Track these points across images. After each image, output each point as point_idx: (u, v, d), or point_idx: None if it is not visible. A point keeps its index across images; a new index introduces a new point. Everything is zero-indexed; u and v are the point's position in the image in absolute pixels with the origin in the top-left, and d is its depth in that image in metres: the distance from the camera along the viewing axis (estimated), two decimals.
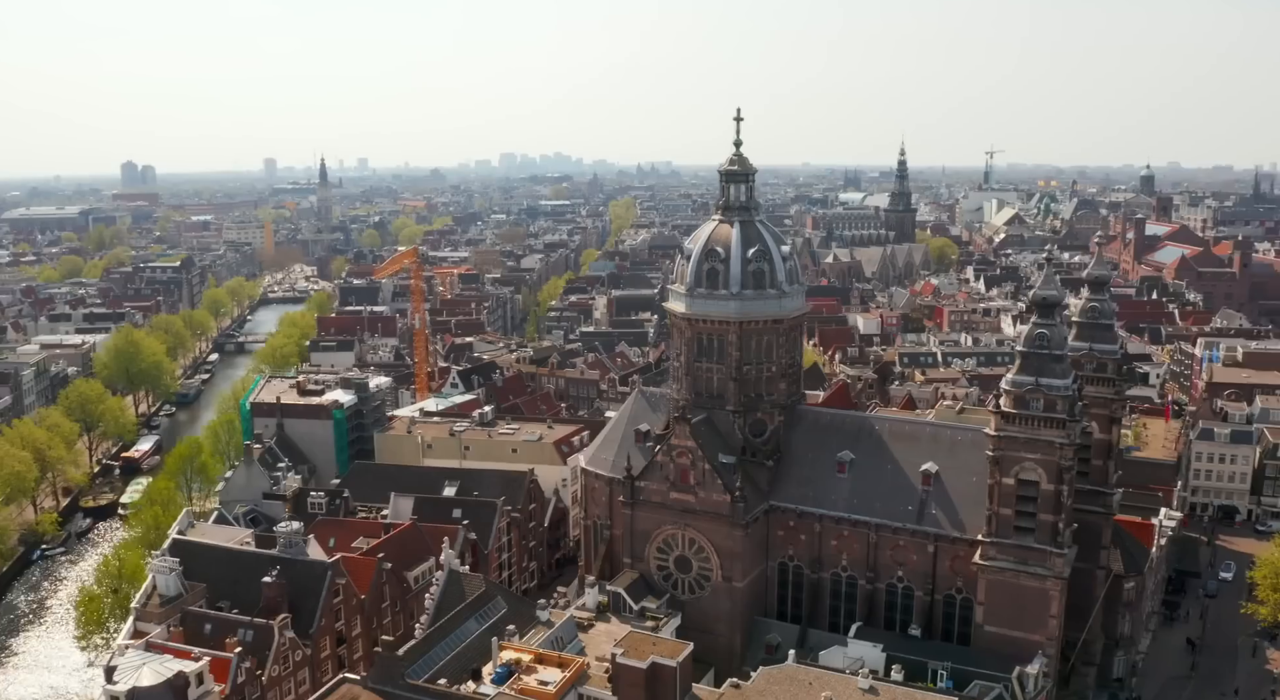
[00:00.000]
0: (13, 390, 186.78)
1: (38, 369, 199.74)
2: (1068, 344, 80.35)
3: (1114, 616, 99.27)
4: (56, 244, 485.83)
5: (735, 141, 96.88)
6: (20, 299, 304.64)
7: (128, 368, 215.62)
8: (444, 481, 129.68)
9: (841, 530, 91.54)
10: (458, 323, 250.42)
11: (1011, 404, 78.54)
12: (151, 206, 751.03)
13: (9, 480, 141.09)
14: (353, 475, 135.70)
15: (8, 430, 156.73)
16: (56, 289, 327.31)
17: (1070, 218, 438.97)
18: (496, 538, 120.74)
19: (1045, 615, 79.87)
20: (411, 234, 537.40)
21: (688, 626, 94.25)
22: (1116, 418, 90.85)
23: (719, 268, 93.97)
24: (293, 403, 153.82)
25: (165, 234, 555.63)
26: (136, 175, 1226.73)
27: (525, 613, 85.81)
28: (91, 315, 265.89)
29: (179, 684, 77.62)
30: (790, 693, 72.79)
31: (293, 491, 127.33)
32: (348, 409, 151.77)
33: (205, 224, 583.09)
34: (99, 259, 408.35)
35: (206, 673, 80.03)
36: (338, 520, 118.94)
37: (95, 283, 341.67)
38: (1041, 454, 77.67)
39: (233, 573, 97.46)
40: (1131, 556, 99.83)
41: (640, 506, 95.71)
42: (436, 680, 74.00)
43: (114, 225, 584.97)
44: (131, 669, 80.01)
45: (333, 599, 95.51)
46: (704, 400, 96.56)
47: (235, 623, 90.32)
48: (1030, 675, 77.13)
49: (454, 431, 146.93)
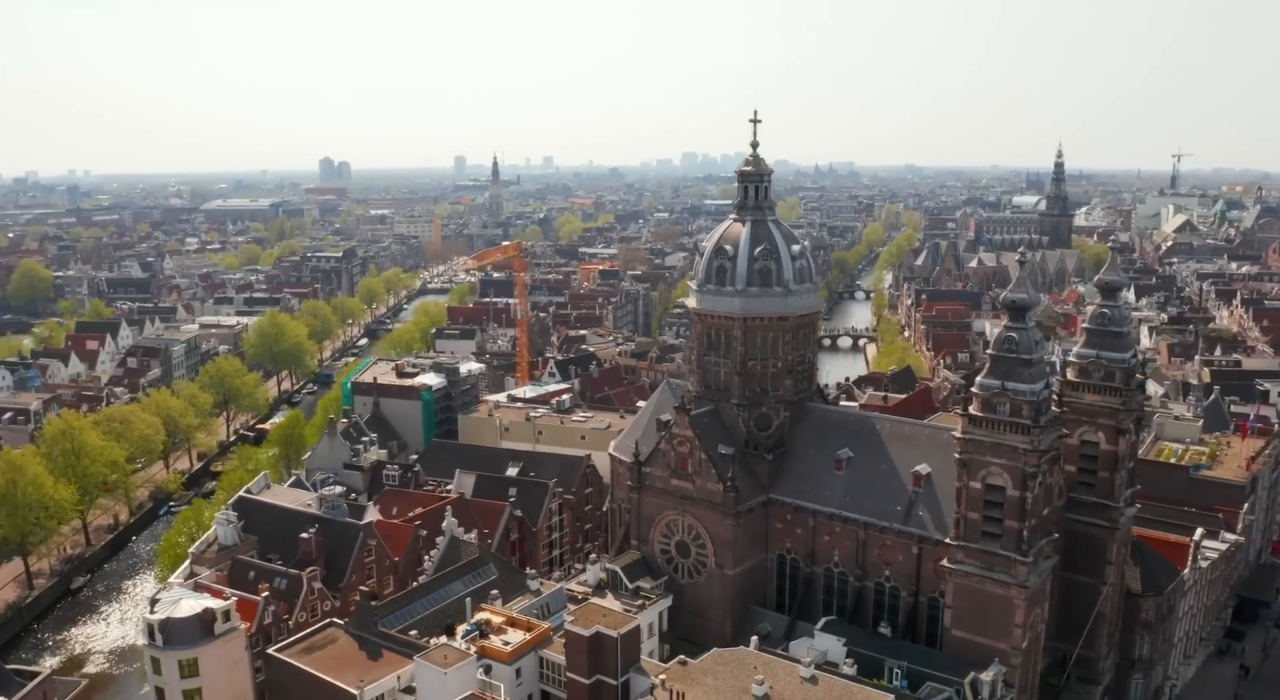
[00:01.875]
0: (162, 364, 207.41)
1: (188, 346, 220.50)
2: (1039, 348, 78.73)
3: (1131, 637, 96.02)
4: (244, 234, 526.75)
5: (752, 143, 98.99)
6: (197, 283, 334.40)
7: (271, 348, 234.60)
8: (509, 462, 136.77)
9: (834, 526, 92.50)
10: (578, 316, 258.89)
11: (979, 407, 77.98)
12: (338, 200, 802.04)
13: (138, 443, 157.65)
14: (428, 452, 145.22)
15: (145, 399, 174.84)
16: (231, 275, 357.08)
17: (1251, 226, 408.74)
18: (546, 517, 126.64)
19: (1009, 623, 78.48)
20: (571, 230, 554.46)
21: (685, 609, 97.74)
22: (1124, 429, 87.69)
23: (727, 265, 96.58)
24: (389, 383, 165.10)
25: (344, 226, 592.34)
26: (333, 171, 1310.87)
27: (516, 581, 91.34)
28: (251, 299, 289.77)
29: (206, 619, 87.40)
30: (732, 673, 75.25)
31: (370, 463, 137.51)
32: (436, 391, 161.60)
33: (382, 218, 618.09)
34: (275, 248, 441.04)
35: (234, 611, 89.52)
36: (403, 491, 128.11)
37: (265, 270, 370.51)
38: (1007, 459, 76.62)
39: (283, 529, 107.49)
40: (1153, 575, 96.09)
41: (646, 491, 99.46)
42: (409, 631, 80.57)
43: (300, 217, 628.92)
44: (170, 603, 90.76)
45: (364, 558, 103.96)
46: (712, 393, 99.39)
47: (274, 572, 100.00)
48: (984, 682, 76.38)
49: (530, 417, 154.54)
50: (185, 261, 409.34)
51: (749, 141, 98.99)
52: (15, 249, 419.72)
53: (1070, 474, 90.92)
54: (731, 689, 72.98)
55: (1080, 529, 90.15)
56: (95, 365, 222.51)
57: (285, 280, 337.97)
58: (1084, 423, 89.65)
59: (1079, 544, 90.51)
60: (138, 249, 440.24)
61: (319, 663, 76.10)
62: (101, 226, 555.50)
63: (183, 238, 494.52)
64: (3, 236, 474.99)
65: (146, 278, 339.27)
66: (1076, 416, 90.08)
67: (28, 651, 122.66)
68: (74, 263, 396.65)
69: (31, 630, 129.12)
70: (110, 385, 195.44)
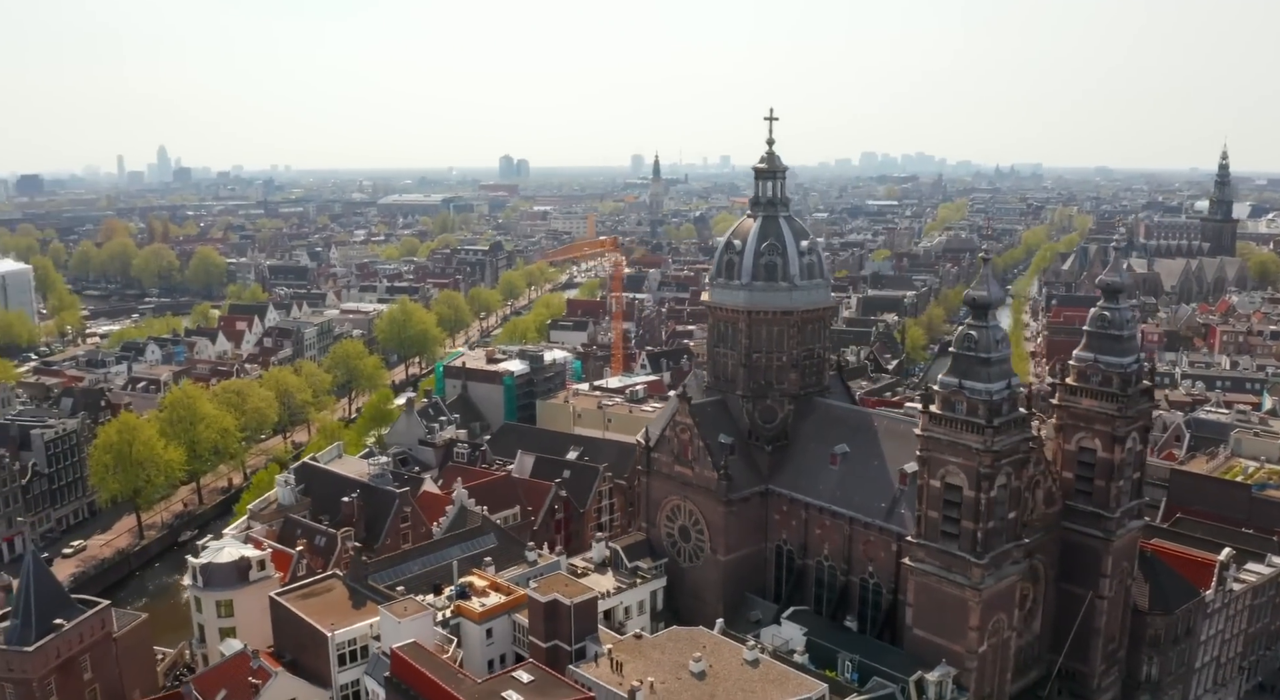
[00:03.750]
0: (294, 344, 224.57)
1: (320, 329, 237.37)
2: (1000, 348, 77.53)
3: (1138, 656, 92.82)
4: (410, 227, 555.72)
5: (768, 140, 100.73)
6: (353, 271, 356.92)
7: (399, 334, 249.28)
8: (570, 446, 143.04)
9: (824, 520, 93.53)
10: (691, 312, 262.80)
11: (939, 405, 77.82)
12: (508, 196, 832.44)
13: (251, 414, 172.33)
14: (500, 433, 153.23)
15: (266, 375, 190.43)
16: (387, 265, 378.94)
17: None
18: (596, 500, 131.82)
19: (964, 625, 78.06)
20: (723, 228, 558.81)
21: (684, 592, 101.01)
22: (1121, 436, 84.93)
23: (735, 259, 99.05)
24: (476, 368, 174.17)
25: (506, 221, 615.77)
26: (511, 168, 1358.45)
27: (514, 552, 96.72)
28: (393, 287, 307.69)
29: (243, 566, 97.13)
30: (680, 650, 77.91)
31: (443, 441, 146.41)
32: (518, 377, 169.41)
33: (543, 214, 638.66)
34: (433, 241, 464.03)
35: (269, 562, 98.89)
36: (465, 467, 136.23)
37: (419, 261, 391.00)
38: (963, 458, 76.12)
39: (334, 493, 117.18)
40: (1163, 593, 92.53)
41: (654, 476, 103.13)
42: (397, 587, 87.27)
43: (468, 212, 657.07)
44: (215, 550, 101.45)
45: (400, 523, 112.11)
46: (720, 384, 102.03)
47: (316, 530, 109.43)
48: (930, 682, 76.31)
49: (601, 405, 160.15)
50: (349, 252, 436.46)
51: (765, 139, 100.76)
52: (200, 237, 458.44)
53: (1067, 481, 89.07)
54: (672, 663, 75.88)
55: (1075, 538, 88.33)
56: (240, 344, 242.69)
57: (431, 271, 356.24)
58: (1081, 428, 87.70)
59: (1075, 554, 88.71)
60: (310, 239, 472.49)
61: (309, 607, 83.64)
62: (285, 218, 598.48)
63: (352, 230, 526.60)
64: (194, 224, 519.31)
65: (305, 266, 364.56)
66: (1074, 422, 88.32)
67: (128, 592, 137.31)
68: (250, 251, 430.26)
69: (135, 575, 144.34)
70: (247, 362, 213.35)
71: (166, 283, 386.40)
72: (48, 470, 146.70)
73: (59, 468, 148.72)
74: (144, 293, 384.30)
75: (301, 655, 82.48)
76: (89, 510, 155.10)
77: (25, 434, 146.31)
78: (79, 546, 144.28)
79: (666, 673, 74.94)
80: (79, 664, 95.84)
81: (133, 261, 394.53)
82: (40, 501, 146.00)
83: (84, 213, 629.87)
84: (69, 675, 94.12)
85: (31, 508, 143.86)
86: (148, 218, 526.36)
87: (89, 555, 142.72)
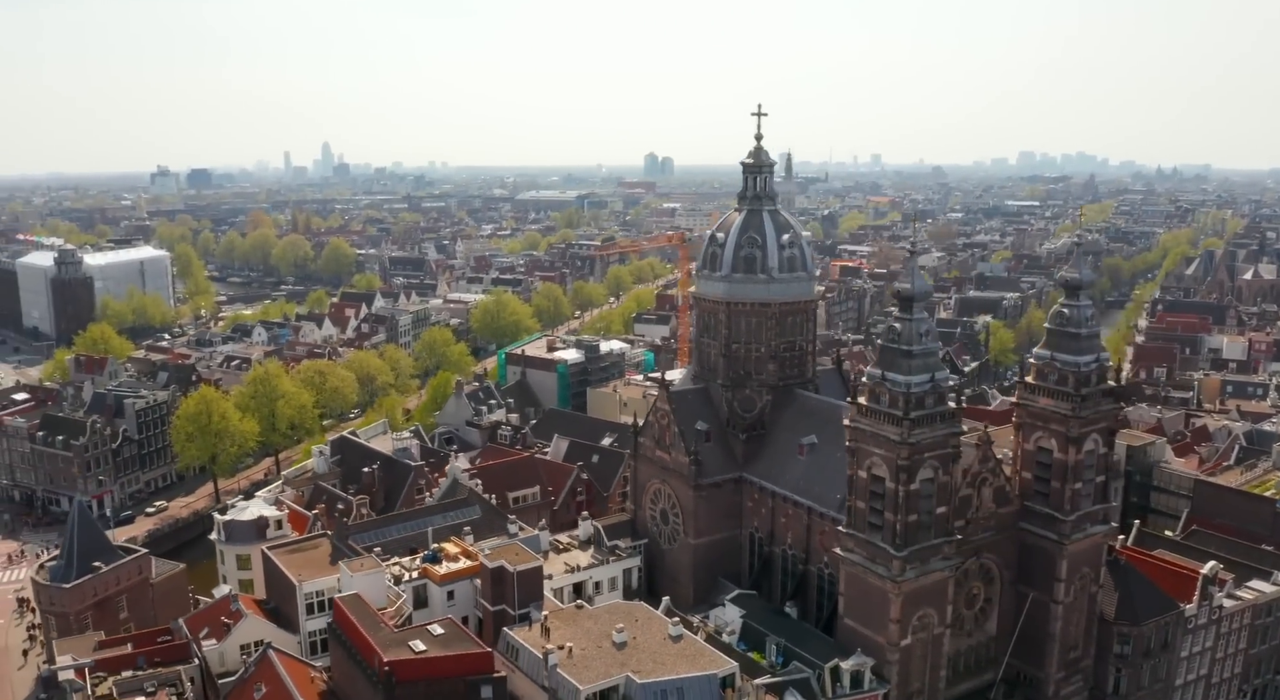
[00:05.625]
0: (388, 330, 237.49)
1: (415, 317, 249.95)
2: (925, 341, 77.82)
3: (1104, 666, 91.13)
4: (539, 223, 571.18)
5: (756, 135, 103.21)
6: (470, 263, 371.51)
7: (493, 324, 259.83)
8: (606, 432, 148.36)
9: (788, 509, 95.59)
10: None
11: (866, 396, 79.16)
12: (645, 193, 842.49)
13: (330, 393, 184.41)
14: (544, 418, 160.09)
15: (351, 357, 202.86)
16: (503, 258, 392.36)
17: None
18: (619, 483, 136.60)
19: (885, 617, 79.03)
20: (849, 227, 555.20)
21: (663, 573, 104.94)
22: (1075, 437, 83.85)
23: (718, 252, 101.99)
24: (534, 356, 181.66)
25: (635, 218, 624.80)
26: (656, 166, 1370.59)
27: (498, 524, 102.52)
28: (498, 279, 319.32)
29: (260, 524, 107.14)
30: (613, 622, 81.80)
31: (489, 423, 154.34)
32: (572, 366, 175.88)
33: (671, 211, 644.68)
34: (554, 236, 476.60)
35: (285, 522, 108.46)
36: (501, 448, 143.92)
37: (536, 255, 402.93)
38: (885, 450, 77.30)
39: (362, 464, 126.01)
40: (1131, 603, 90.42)
41: (640, 460, 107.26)
42: (374, 548, 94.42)
43: (601, 209, 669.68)
44: (240, 509, 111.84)
45: (414, 493, 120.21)
46: (704, 373, 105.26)
47: (337, 496, 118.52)
48: (844, 670, 77.84)
49: (646, 394, 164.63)
50: (474, 245, 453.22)
51: (754, 135, 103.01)
52: (340, 229, 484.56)
53: (1026, 481, 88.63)
54: (599, 633, 79.96)
55: (1032, 540, 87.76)
56: (346, 329, 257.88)
57: (542, 265, 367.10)
58: (1038, 428, 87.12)
59: (1031, 556, 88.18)
60: (440, 233, 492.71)
61: (292, 561, 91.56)
62: (425, 212, 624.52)
63: (481, 224, 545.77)
64: (338, 217, 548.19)
65: (423, 258, 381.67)
66: (1031, 421, 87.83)
67: (199, 550, 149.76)
68: (383, 243, 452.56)
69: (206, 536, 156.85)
70: (342, 346, 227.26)
71: (302, 271, 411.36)
72: (137, 436, 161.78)
73: (148, 435, 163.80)
74: (280, 280, 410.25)
75: (282, 604, 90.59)
76: (176, 476, 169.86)
77: (120, 403, 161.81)
78: (160, 506, 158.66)
79: (590, 641, 79.16)
80: (115, 603, 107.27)
81: (272, 251, 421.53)
82: (130, 465, 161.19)
83: (241, 205, 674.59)
84: (105, 612, 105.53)
85: (122, 470, 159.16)
86: (291, 210, 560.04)
87: (168, 515, 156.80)
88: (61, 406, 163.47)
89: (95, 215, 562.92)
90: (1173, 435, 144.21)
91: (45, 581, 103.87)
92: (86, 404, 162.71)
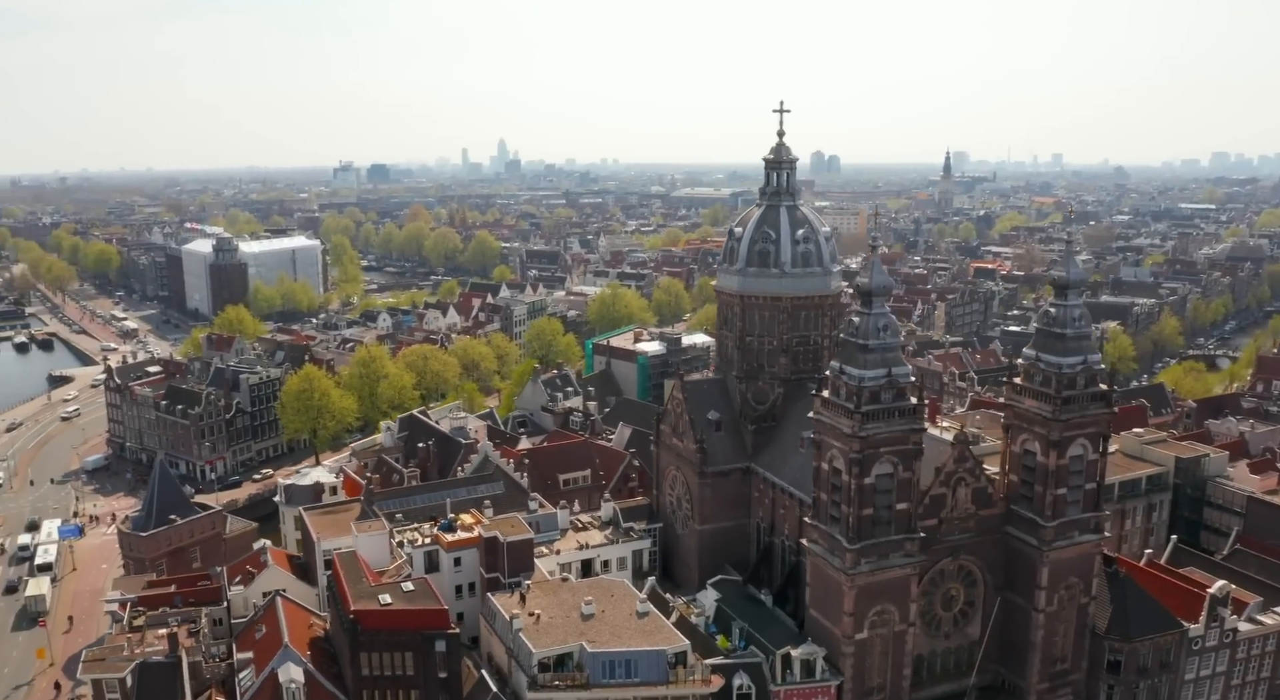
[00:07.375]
0: (502, 320, 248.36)
1: (531, 307, 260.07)
2: (883, 336, 78.18)
3: (1095, 683, 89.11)
4: (685, 220, 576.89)
5: (778, 132, 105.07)
6: (603, 258, 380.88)
7: (606, 316, 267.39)
8: None
9: (786, 500, 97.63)
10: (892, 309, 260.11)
11: (830, 390, 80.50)
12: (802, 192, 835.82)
13: (431, 377, 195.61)
14: (616, 406, 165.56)
15: (456, 344, 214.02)
16: (640, 253, 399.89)
17: None
18: None
19: (840, 611, 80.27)
20: (1004, 228, 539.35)
21: (676, 557, 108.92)
22: (1058, 441, 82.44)
23: (735, 246, 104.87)
24: (619, 346, 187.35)
25: None
26: (822, 163, 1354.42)
27: (519, 500, 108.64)
28: (623, 273, 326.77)
29: (317, 489, 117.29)
30: (591, 596, 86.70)
31: (561, 408, 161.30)
32: (652, 357, 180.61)
33: (820, 209, 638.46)
34: (694, 233, 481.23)
35: (340, 488, 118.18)
36: (566, 433, 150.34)
37: (671, 251, 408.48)
38: (841, 443, 78.70)
39: (423, 439, 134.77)
40: (1125, 618, 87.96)
41: (661, 447, 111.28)
42: (396, 515, 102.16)
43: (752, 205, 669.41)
44: (302, 474, 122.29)
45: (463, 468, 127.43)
46: (723, 364, 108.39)
47: (394, 468, 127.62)
48: (795, 658, 79.62)
49: None
50: (616, 240, 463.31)
51: (776, 131, 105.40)
52: (492, 223, 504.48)
53: (1013, 483, 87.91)
54: (571, 605, 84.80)
55: (1015, 545, 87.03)
56: (469, 317, 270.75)
57: (671, 260, 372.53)
58: (1024, 430, 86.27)
59: (1015, 561, 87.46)
60: (586, 228, 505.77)
61: (320, 522, 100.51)
62: (580, 208, 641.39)
63: (626, 221, 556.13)
64: (495, 211, 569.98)
65: (557, 251, 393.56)
66: (1018, 422, 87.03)
67: None
68: (532, 236, 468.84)
69: None
70: (457, 333, 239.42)
71: (451, 263, 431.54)
72: (250, 409, 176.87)
73: (260, 408, 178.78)
74: (431, 271, 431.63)
75: (310, 558, 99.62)
76: (286, 447, 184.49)
77: (236, 378, 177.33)
78: (266, 474, 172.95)
79: (561, 611, 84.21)
80: (189, 554, 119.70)
81: (425, 243, 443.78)
82: (242, 434, 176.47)
83: (410, 199, 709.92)
84: (179, 561, 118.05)
85: (235, 439, 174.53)
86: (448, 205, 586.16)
87: (270, 482, 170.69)
88: (186, 379, 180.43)
89: (274, 207, 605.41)
90: (1260, 452, 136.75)
91: (127, 530, 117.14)
92: (209, 378, 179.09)
